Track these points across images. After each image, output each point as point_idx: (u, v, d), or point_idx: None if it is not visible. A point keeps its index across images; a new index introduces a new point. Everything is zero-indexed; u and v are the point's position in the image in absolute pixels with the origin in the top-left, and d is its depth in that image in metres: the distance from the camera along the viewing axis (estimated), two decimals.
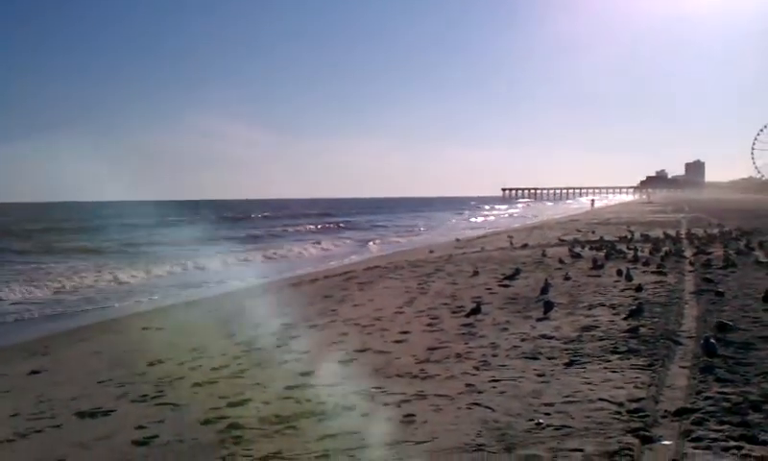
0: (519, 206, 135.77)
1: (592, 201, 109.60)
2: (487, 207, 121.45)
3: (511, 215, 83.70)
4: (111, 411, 7.20)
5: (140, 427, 6.46)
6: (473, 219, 76.64)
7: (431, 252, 26.82)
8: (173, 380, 8.40)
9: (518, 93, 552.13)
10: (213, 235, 51.18)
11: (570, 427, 5.78)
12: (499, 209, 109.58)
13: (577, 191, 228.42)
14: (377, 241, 43.73)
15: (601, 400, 6.49)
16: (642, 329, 9.43)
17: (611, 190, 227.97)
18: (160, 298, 20.41)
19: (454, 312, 11.89)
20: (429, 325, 10.91)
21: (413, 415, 6.29)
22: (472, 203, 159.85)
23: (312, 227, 64.09)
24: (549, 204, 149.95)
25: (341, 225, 67.80)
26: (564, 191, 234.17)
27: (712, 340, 8.07)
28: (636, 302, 11.55)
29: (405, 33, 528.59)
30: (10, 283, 23.02)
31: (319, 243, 41.28)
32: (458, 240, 35.26)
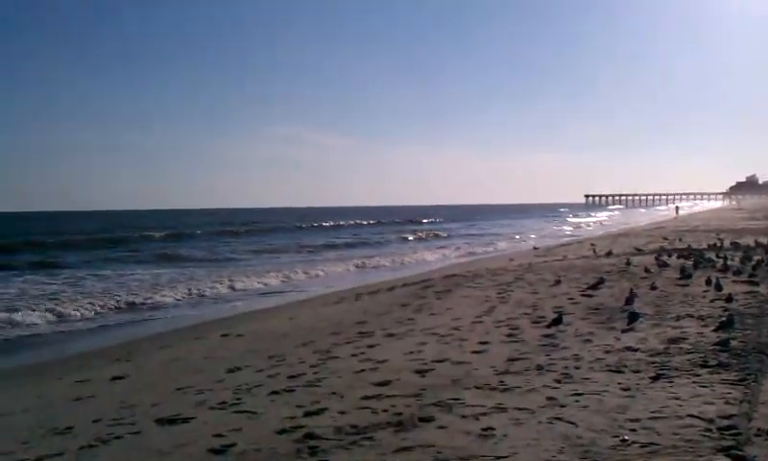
0: (615, 212, 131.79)
1: (677, 208, 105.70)
2: (582, 214, 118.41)
3: (601, 223, 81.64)
4: (191, 418, 7.26)
5: (218, 435, 6.48)
6: (566, 227, 74.57)
7: (511, 259, 26.57)
8: (251, 388, 8.45)
9: (602, 96, 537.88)
10: (299, 244, 51.92)
11: (658, 445, 5.52)
12: (592, 216, 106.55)
13: (663, 197, 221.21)
14: (479, 249, 43.51)
15: (690, 416, 6.18)
16: (733, 342, 9.01)
17: (698, 196, 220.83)
18: (243, 305, 20.80)
19: (535, 322, 11.64)
20: (509, 335, 10.69)
21: (492, 428, 6.12)
22: (563, 210, 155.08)
23: (409, 236, 62.48)
24: (642, 210, 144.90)
25: (439, 234, 66.39)
26: (651, 197, 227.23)
27: None
28: (727, 313, 11.07)
29: (485, 35, 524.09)
30: (94, 291, 23.97)
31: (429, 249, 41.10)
32: (536, 249, 34.78)
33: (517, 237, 56.18)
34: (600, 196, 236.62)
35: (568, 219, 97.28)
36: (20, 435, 7.34)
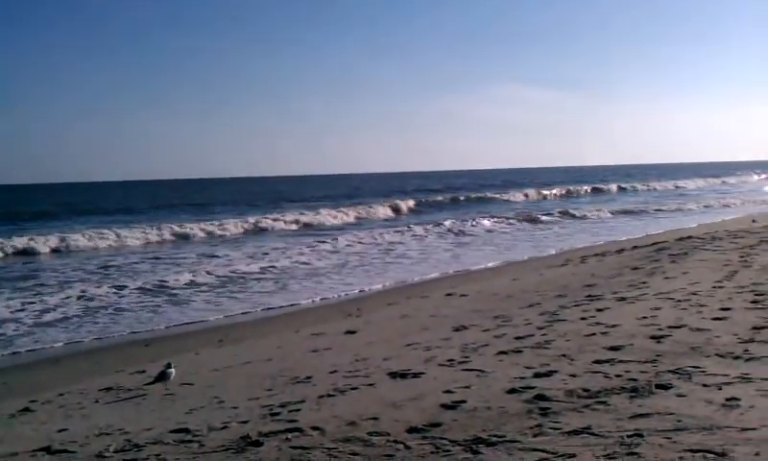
0: None
1: None
2: None
3: None
4: (421, 373, 7.42)
5: (448, 391, 6.57)
6: None
7: (754, 221, 24.67)
8: (478, 347, 8.50)
9: None
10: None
11: None
12: None
13: None
14: None
15: None
16: None
17: None
18: (462, 265, 21.04)
19: None
20: (754, 302, 9.86)
21: (737, 399, 5.69)
22: None
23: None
24: None
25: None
26: None
27: None
28: None
29: None
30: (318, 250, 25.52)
31: None
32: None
33: None
34: None
35: None
36: (264, 382, 7.91)
